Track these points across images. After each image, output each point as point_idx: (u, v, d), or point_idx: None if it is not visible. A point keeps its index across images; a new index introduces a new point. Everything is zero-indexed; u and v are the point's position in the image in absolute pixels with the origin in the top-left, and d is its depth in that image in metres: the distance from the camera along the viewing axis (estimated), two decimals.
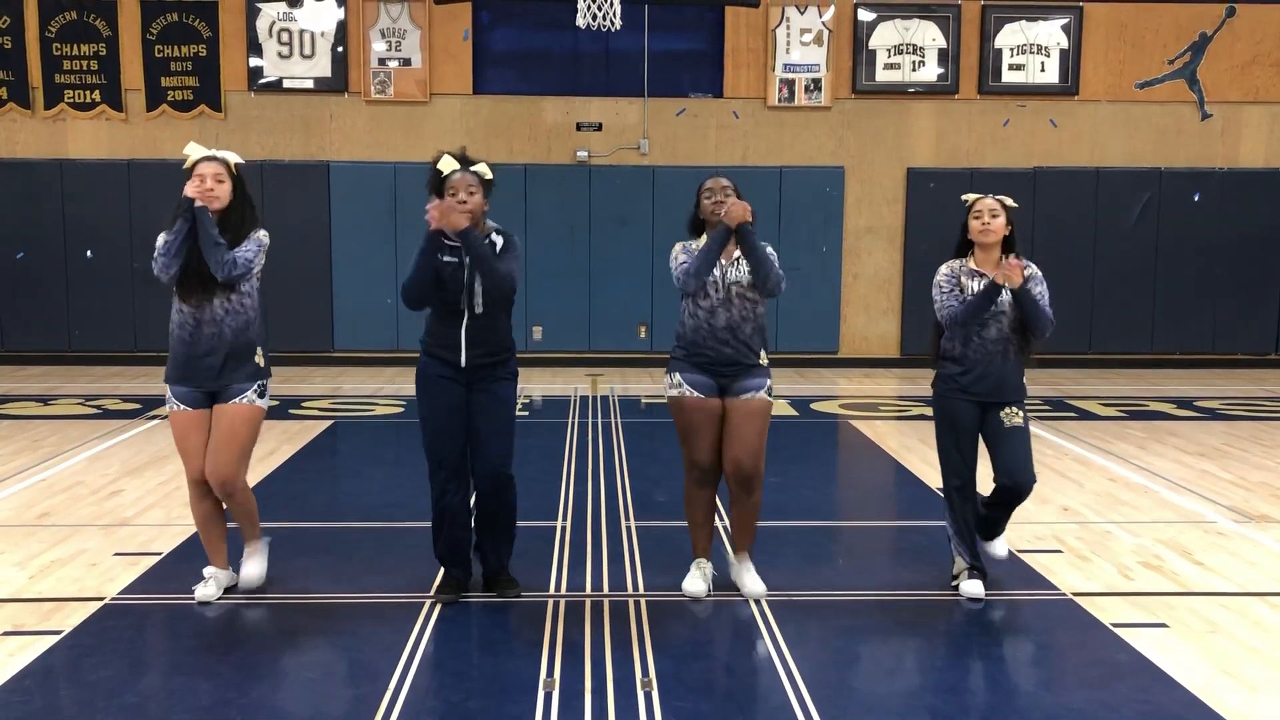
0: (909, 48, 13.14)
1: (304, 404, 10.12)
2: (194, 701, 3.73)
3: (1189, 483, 7.10)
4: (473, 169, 4.68)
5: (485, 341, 4.70)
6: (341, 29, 12.86)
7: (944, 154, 13.24)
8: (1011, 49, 13.15)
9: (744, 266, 4.71)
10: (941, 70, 13.16)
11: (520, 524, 5.17)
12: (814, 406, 10.19)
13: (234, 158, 4.63)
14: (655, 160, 13.02)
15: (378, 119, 12.94)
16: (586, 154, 12.96)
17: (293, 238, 12.79)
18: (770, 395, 4.76)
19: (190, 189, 4.45)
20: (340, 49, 12.87)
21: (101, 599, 4.71)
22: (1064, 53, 13.16)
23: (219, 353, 4.55)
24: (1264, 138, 13.35)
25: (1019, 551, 5.52)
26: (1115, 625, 4.50)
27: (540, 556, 5.38)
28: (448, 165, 4.65)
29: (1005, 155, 13.25)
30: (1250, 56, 13.23)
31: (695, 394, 4.71)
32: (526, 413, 9.82)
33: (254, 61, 12.86)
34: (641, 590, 4.91)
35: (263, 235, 4.65)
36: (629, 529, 5.86)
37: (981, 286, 4.73)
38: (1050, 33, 13.13)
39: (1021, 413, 4.82)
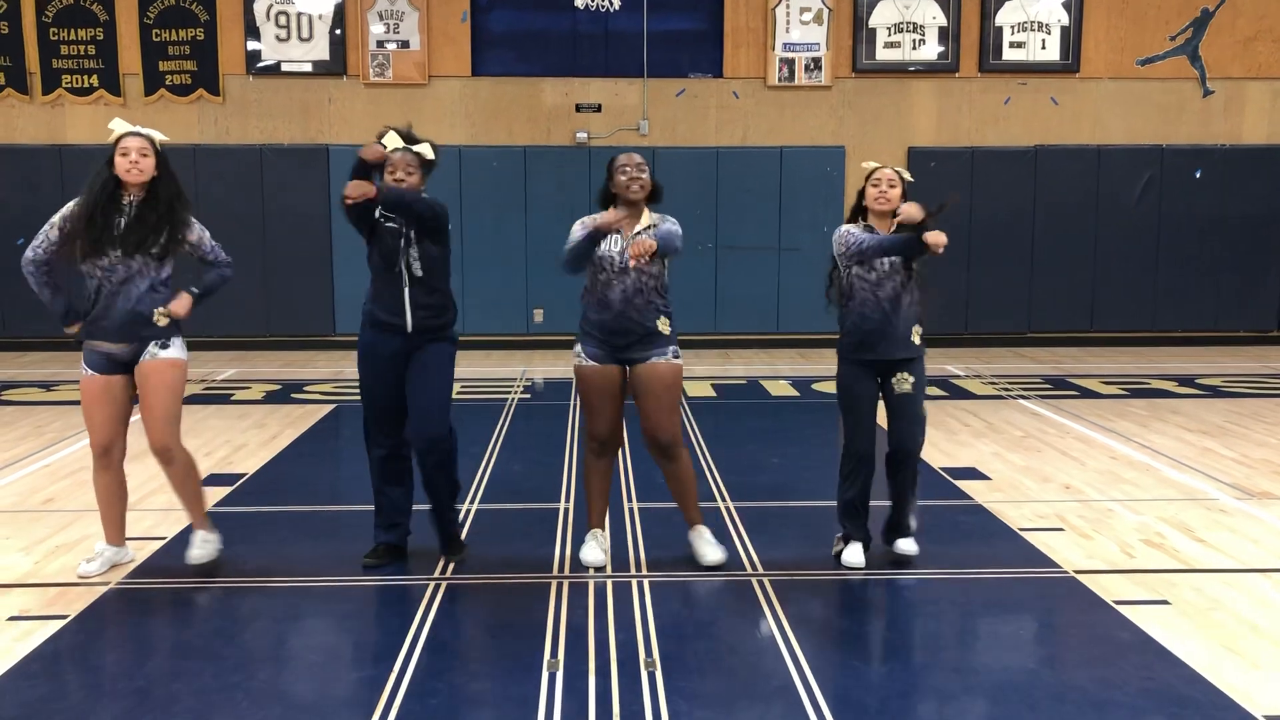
0: (909, 26, 13.08)
1: (306, 388, 10.13)
2: (200, 685, 3.75)
3: (1191, 460, 7.10)
4: (415, 149, 4.79)
5: (428, 305, 4.83)
6: (339, 11, 12.81)
7: (945, 133, 13.20)
8: (1012, 26, 13.10)
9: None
10: (942, 48, 13.11)
11: (524, 506, 5.19)
12: (815, 387, 10.20)
13: (158, 135, 4.69)
14: (655, 141, 12.99)
15: (377, 102, 12.91)
16: (586, 135, 12.93)
17: (293, 222, 12.79)
18: (676, 358, 4.84)
19: (119, 165, 4.54)
20: (338, 31, 12.83)
21: (107, 584, 4.73)
22: (1065, 30, 13.10)
23: (121, 313, 4.57)
24: (1266, 114, 13.31)
25: (1021, 530, 5.54)
26: (1117, 603, 4.51)
27: (544, 538, 5.39)
28: (392, 142, 4.77)
29: (1006, 134, 13.22)
30: (1253, 32, 13.17)
31: (592, 363, 4.82)
32: (529, 395, 9.83)
33: (252, 45, 12.82)
34: (644, 571, 4.92)
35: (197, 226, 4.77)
36: (631, 510, 5.87)
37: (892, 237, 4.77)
38: (1051, 10, 13.06)
39: (912, 378, 4.85)
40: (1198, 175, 13.15)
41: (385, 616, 4.49)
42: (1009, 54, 13.14)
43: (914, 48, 13.12)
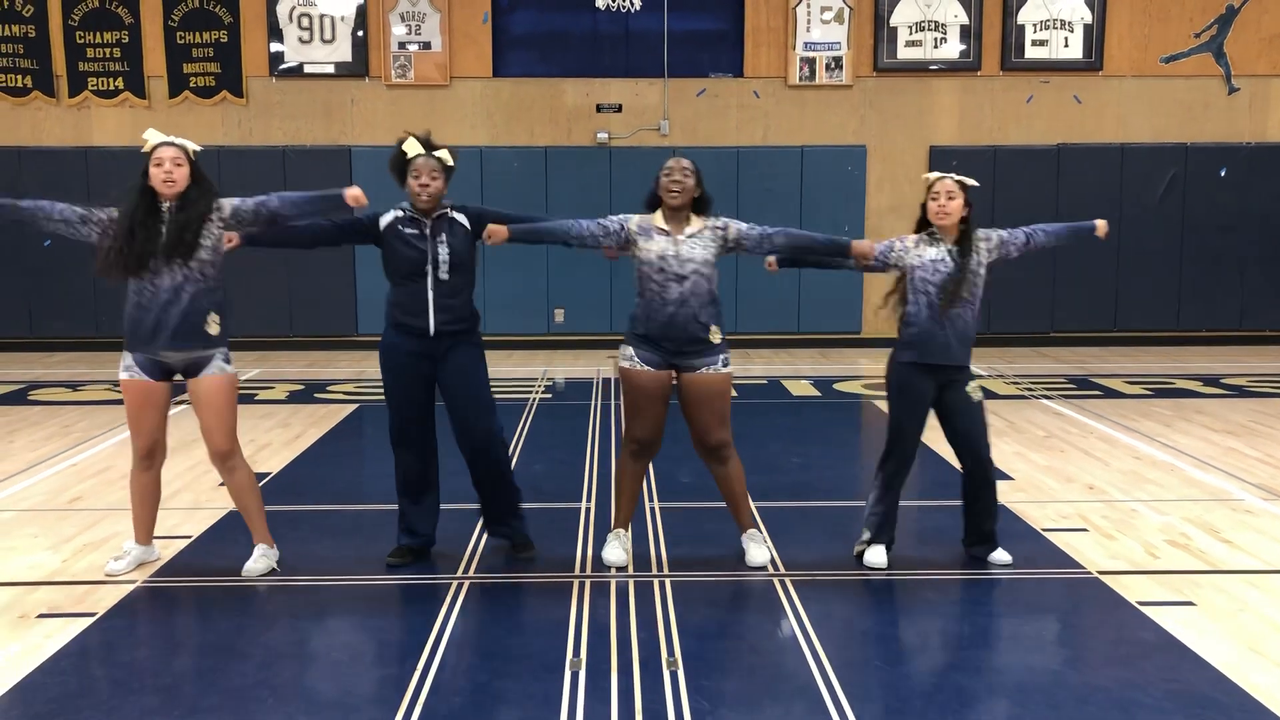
0: (931, 24, 13.04)
1: (329, 388, 10.19)
2: (226, 682, 3.78)
3: (1216, 460, 7.05)
4: (436, 154, 4.81)
5: (451, 308, 4.83)
6: (361, 13, 12.88)
7: (966, 132, 13.15)
8: (1034, 24, 13.03)
9: (697, 245, 4.79)
10: (964, 47, 13.06)
11: (545, 505, 5.21)
12: (836, 387, 10.18)
13: (192, 145, 4.72)
14: (676, 141, 12.99)
15: (398, 103, 12.96)
16: (607, 136, 12.95)
17: None
18: (725, 367, 4.87)
19: (154, 176, 4.57)
20: (360, 33, 12.90)
21: (134, 581, 4.78)
22: (1088, 28, 13.03)
23: (172, 319, 4.60)
24: None
25: (1044, 530, 5.52)
26: (1141, 604, 4.49)
27: (565, 537, 5.41)
28: (413, 148, 4.80)
29: (1029, 132, 13.15)
30: (1279, 29, 13.05)
31: (645, 366, 4.80)
32: (550, 395, 9.85)
33: (275, 47, 12.90)
34: (666, 570, 4.93)
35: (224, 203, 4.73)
36: (653, 509, 5.88)
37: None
38: (1074, 7, 12.99)
39: (980, 386, 4.90)
40: (1222, 174, 13.05)
41: (409, 615, 4.52)
42: (1031, 52, 13.07)
43: (935, 46, 13.08)
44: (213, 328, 4.70)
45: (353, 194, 4.72)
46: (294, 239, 5.03)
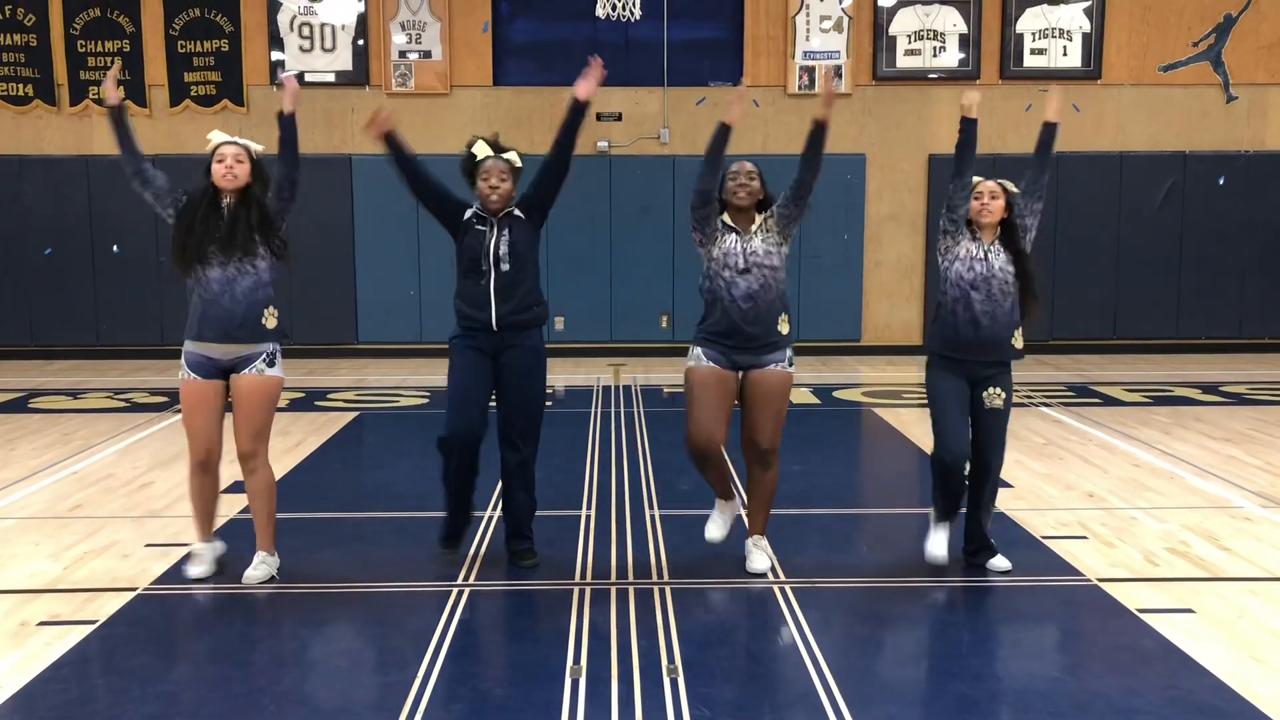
0: (929, 33, 13.08)
1: (329, 396, 10.20)
2: (227, 690, 3.79)
3: (1215, 468, 7.06)
4: (504, 156, 4.95)
5: (512, 298, 4.87)
6: (362, 22, 12.91)
7: None
8: (1033, 33, 13.07)
9: (760, 238, 4.79)
10: (962, 55, 13.10)
11: (546, 512, 5.21)
12: (836, 394, 10.19)
13: (255, 145, 4.90)
14: (675, 150, 13.02)
15: (399, 111, 12.87)
16: (607, 144, 12.98)
17: (316, 231, 12.86)
18: (790, 366, 4.85)
19: (215, 172, 4.75)
20: (361, 42, 12.93)
21: (134, 589, 4.78)
22: (1086, 36, 13.07)
23: (230, 312, 4.67)
24: None
25: (1044, 538, 5.53)
26: (1141, 611, 4.50)
27: (566, 545, 5.41)
28: (482, 150, 4.96)
29: (1027, 140, 12.95)
30: (1277, 37, 13.09)
31: (709, 364, 4.80)
32: (550, 403, 9.85)
33: (275, 55, 12.93)
34: (666, 578, 4.94)
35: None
36: (653, 517, 5.89)
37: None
38: (1072, 16, 13.03)
39: (1004, 394, 4.88)
40: (1220, 182, 13.08)
41: (409, 622, 4.52)
42: (1030, 60, 13.11)
43: (934, 55, 13.11)
44: (270, 321, 4.78)
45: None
46: (414, 176, 5.06)
